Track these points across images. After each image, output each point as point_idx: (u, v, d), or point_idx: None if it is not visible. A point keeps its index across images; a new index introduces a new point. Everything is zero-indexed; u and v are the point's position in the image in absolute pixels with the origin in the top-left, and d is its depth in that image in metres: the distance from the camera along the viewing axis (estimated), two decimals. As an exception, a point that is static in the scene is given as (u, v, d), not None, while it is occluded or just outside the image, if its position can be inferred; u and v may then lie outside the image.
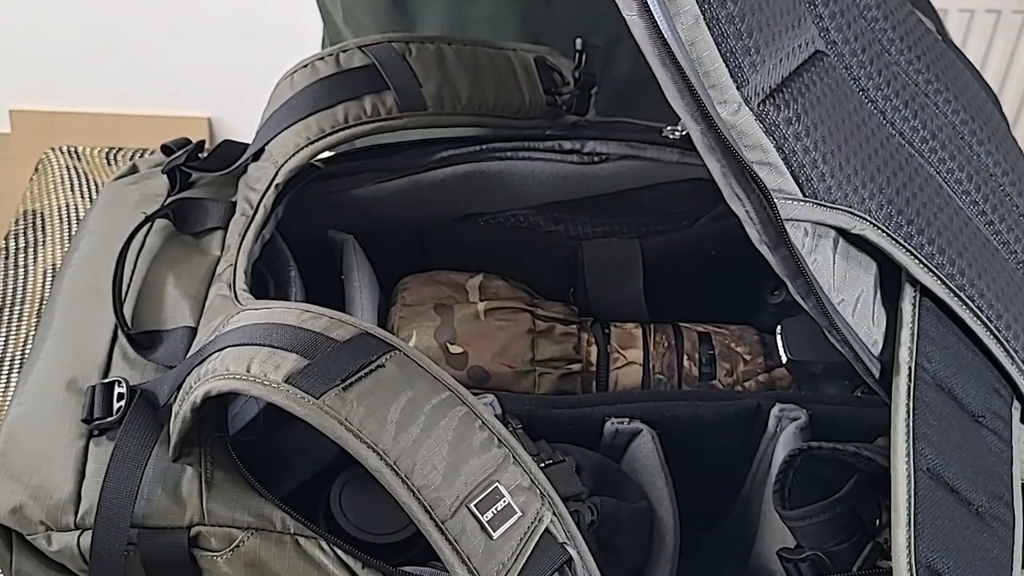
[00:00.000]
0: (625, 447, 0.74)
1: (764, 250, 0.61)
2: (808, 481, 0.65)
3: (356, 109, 0.78)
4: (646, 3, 0.56)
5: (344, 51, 0.80)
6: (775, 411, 0.73)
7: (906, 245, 0.63)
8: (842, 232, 0.62)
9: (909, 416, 0.60)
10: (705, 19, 0.57)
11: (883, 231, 0.63)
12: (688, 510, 0.71)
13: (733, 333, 0.83)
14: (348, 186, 0.84)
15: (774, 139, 0.60)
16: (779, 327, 0.80)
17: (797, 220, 0.61)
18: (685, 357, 0.82)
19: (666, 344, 0.82)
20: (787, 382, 0.81)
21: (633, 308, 0.86)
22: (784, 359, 0.78)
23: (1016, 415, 0.65)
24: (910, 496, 0.58)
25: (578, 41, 0.85)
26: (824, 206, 0.61)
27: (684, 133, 0.86)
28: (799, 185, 0.61)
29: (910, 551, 0.57)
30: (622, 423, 0.73)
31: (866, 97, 0.65)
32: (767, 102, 0.60)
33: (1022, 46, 1.83)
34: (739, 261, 0.87)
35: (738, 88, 0.59)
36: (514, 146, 0.86)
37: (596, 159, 0.86)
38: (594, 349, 0.82)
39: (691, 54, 0.57)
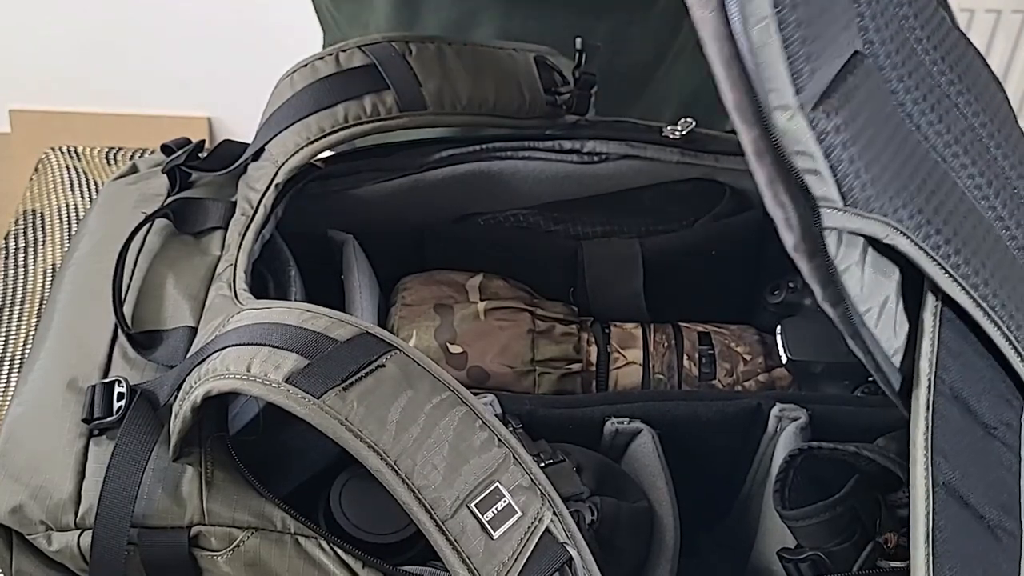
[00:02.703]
0: (625, 447, 0.74)
1: (798, 256, 0.59)
2: (808, 481, 0.65)
3: (356, 109, 0.78)
4: (722, 1, 0.54)
5: (344, 51, 0.80)
6: (775, 411, 0.73)
7: (934, 255, 0.62)
8: (871, 241, 0.61)
9: (928, 430, 0.60)
10: (777, 22, 0.55)
11: (912, 240, 0.61)
12: (688, 510, 0.71)
13: (733, 333, 0.83)
14: (348, 186, 0.84)
15: (823, 147, 0.58)
16: (779, 327, 0.80)
17: (831, 228, 0.59)
18: (685, 357, 0.82)
19: (666, 344, 0.82)
20: (787, 382, 0.81)
21: (633, 308, 0.86)
22: (784, 359, 0.78)
23: None
24: (928, 513, 0.58)
25: (578, 41, 0.85)
26: (861, 216, 0.59)
27: (684, 133, 0.86)
28: (841, 194, 0.59)
29: (928, 570, 0.57)
30: (622, 423, 0.73)
31: (896, 100, 0.64)
32: (817, 108, 0.58)
33: (1022, 46, 1.83)
34: (739, 261, 0.88)
35: (796, 94, 0.57)
36: (514, 146, 0.86)
37: (596, 159, 0.86)
38: (594, 349, 0.82)
39: (758, 57, 0.55)
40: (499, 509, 0.58)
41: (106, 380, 0.66)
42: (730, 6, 0.54)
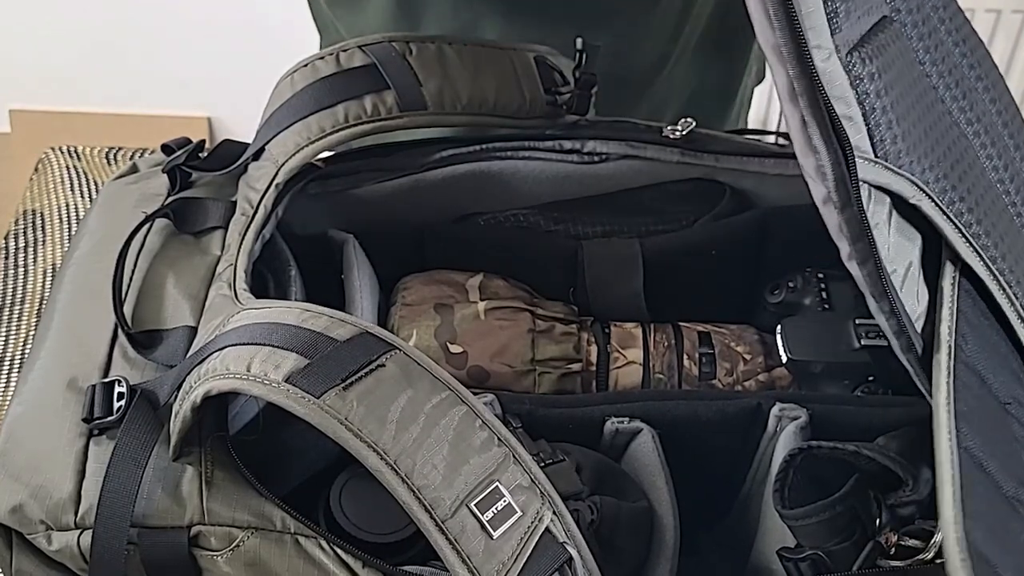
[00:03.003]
0: (625, 446, 0.74)
1: (828, 209, 0.59)
2: (808, 481, 0.65)
3: (356, 108, 0.78)
4: None
5: (344, 51, 0.80)
6: (775, 411, 0.73)
7: (956, 222, 0.62)
8: (896, 201, 0.61)
9: (950, 395, 0.59)
10: None
11: (936, 204, 0.61)
12: (688, 510, 0.71)
13: (733, 333, 0.83)
14: (348, 186, 0.84)
15: (857, 93, 0.58)
16: (779, 327, 0.80)
17: (863, 181, 0.59)
18: (685, 357, 0.82)
19: (666, 344, 0.82)
20: (787, 382, 0.81)
21: (633, 308, 0.86)
22: (784, 359, 0.78)
23: None
24: (955, 475, 0.57)
25: (578, 41, 0.85)
26: (891, 170, 0.59)
27: (684, 133, 0.86)
28: (872, 144, 0.59)
29: (958, 526, 0.56)
30: (622, 422, 0.73)
31: (923, 71, 0.64)
32: (853, 54, 0.58)
33: (1022, 46, 1.83)
34: (739, 261, 0.88)
35: (832, 34, 0.57)
36: (514, 146, 0.86)
37: (596, 159, 0.87)
38: (594, 349, 0.82)
39: None
40: (499, 509, 0.58)
41: (106, 380, 0.66)
42: None
